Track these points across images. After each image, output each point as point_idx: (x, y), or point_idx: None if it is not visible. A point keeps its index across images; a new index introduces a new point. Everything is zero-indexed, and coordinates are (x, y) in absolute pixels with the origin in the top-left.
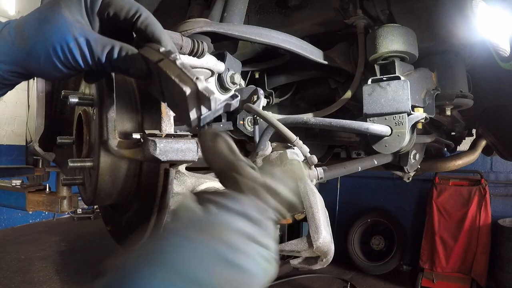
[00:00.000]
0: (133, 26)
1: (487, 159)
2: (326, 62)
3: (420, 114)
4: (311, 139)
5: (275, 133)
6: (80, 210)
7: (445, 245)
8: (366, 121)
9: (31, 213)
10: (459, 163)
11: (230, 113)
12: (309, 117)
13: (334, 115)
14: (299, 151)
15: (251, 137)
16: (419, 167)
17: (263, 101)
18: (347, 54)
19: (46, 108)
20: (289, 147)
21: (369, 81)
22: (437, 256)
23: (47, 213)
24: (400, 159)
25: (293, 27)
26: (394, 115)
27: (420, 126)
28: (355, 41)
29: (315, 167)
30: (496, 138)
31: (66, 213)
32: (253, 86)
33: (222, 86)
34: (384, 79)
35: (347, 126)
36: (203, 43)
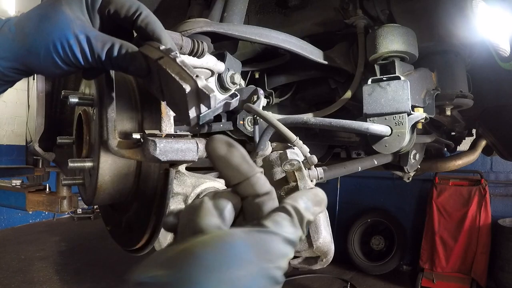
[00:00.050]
0: (134, 24)
1: (487, 159)
2: (326, 62)
3: (420, 114)
4: (311, 139)
5: (275, 133)
6: (80, 210)
7: (445, 245)
8: (366, 121)
9: (31, 213)
10: (459, 163)
11: (230, 113)
12: (309, 117)
13: (334, 115)
14: (299, 151)
15: (251, 137)
16: (419, 167)
17: (263, 101)
18: (347, 54)
19: (46, 108)
20: (289, 147)
21: (369, 81)
22: (437, 256)
23: (47, 213)
24: (400, 159)
25: (293, 27)
26: (394, 115)
27: (420, 126)
28: (355, 41)
29: (315, 167)
30: (496, 138)
31: (66, 213)
32: (253, 86)
33: (222, 86)
34: (384, 79)
35: (347, 126)
36: (203, 43)
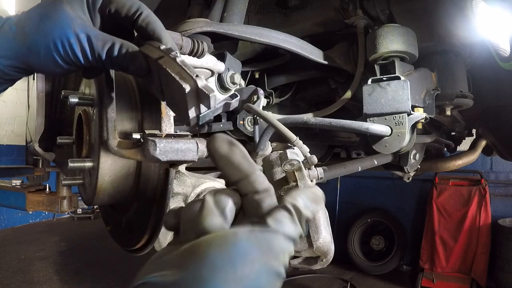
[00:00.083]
0: (134, 24)
1: (487, 159)
2: (326, 62)
3: (420, 114)
4: (311, 139)
5: (275, 133)
6: (80, 210)
7: (445, 245)
8: (366, 121)
9: (31, 213)
10: (459, 163)
11: (230, 113)
12: (309, 117)
13: (334, 115)
14: (299, 151)
15: (251, 137)
16: (419, 167)
17: (263, 101)
18: (347, 54)
19: (46, 108)
20: (289, 147)
21: (369, 81)
22: (437, 256)
23: (47, 213)
24: (400, 159)
25: (293, 27)
26: (394, 115)
27: (420, 126)
28: (355, 41)
29: (315, 167)
30: (496, 138)
31: (66, 213)
32: (253, 86)
33: (222, 86)
34: (384, 79)
35: (347, 126)
36: (203, 43)
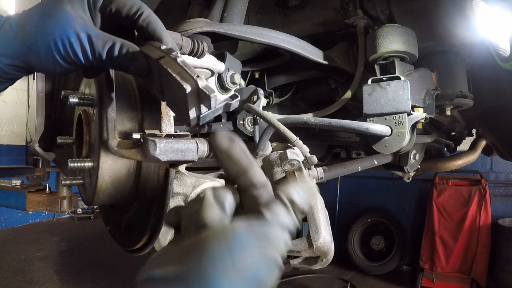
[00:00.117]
0: (135, 24)
1: (487, 159)
2: (326, 62)
3: (420, 114)
4: (311, 139)
5: (275, 133)
6: (80, 210)
7: (445, 245)
8: (366, 121)
9: (31, 213)
10: (459, 163)
11: (230, 113)
12: (309, 117)
13: (334, 115)
14: (299, 151)
15: (251, 137)
16: (419, 167)
17: (263, 101)
18: (347, 54)
19: (46, 108)
20: (289, 147)
21: (369, 81)
22: (437, 256)
23: (47, 213)
24: (400, 159)
25: (293, 27)
26: (394, 115)
27: (420, 126)
28: (355, 41)
29: (315, 167)
30: (496, 138)
31: (66, 213)
32: (253, 86)
33: (222, 86)
34: (384, 79)
35: (347, 126)
36: (203, 43)
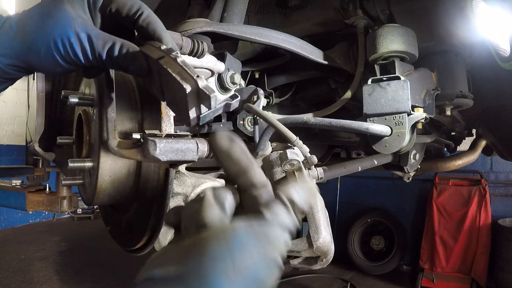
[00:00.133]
0: (135, 24)
1: (487, 159)
2: (326, 62)
3: (420, 114)
4: (311, 139)
5: (275, 133)
6: (80, 210)
7: (445, 245)
8: (366, 121)
9: (31, 213)
10: (459, 163)
11: (230, 113)
12: (309, 117)
13: (334, 115)
14: (299, 151)
15: (251, 137)
16: (419, 167)
17: (263, 101)
18: (347, 54)
19: (46, 108)
20: (289, 147)
21: (369, 81)
22: (437, 256)
23: (47, 213)
24: (400, 159)
25: (293, 27)
26: (394, 115)
27: (420, 126)
28: (355, 41)
29: (315, 167)
30: (496, 138)
31: (66, 213)
32: (253, 86)
33: (222, 86)
34: (384, 79)
35: (347, 126)
36: (203, 43)
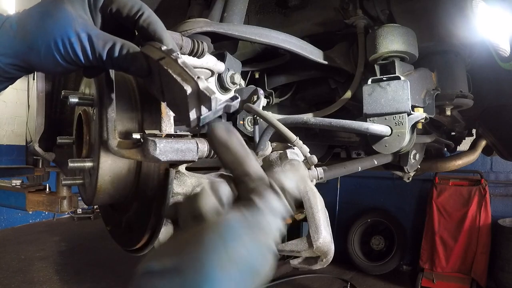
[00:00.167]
0: (135, 24)
1: (487, 159)
2: (326, 62)
3: (420, 114)
4: (311, 139)
5: (275, 133)
6: (80, 210)
7: (445, 245)
8: (366, 121)
9: (31, 213)
10: (459, 163)
11: (230, 113)
12: (309, 117)
13: (334, 115)
14: (299, 151)
15: (251, 137)
16: (419, 167)
17: (263, 101)
18: (347, 54)
19: (46, 108)
20: (289, 147)
21: (369, 81)
22: (437, 256)
23: (47, 213)
24: (400, 159)
25: (293, 27)
26: (394, 115)
27: (420, 126)
28: (355, 41)
29: (315, 167)
30: (496, 138)
31: (66, 213)
32: (253, 86)
33: (222, 86)
34: (384, 79)
35: (347, 126)
36: (203, 43)
